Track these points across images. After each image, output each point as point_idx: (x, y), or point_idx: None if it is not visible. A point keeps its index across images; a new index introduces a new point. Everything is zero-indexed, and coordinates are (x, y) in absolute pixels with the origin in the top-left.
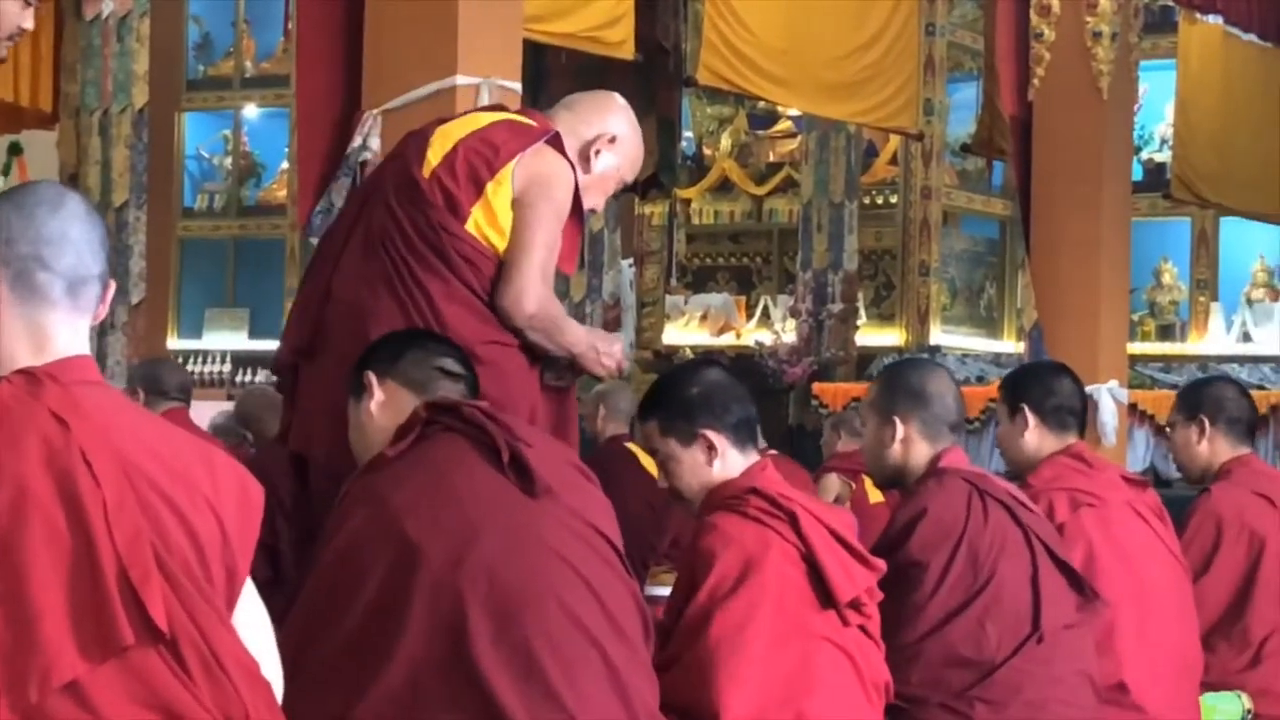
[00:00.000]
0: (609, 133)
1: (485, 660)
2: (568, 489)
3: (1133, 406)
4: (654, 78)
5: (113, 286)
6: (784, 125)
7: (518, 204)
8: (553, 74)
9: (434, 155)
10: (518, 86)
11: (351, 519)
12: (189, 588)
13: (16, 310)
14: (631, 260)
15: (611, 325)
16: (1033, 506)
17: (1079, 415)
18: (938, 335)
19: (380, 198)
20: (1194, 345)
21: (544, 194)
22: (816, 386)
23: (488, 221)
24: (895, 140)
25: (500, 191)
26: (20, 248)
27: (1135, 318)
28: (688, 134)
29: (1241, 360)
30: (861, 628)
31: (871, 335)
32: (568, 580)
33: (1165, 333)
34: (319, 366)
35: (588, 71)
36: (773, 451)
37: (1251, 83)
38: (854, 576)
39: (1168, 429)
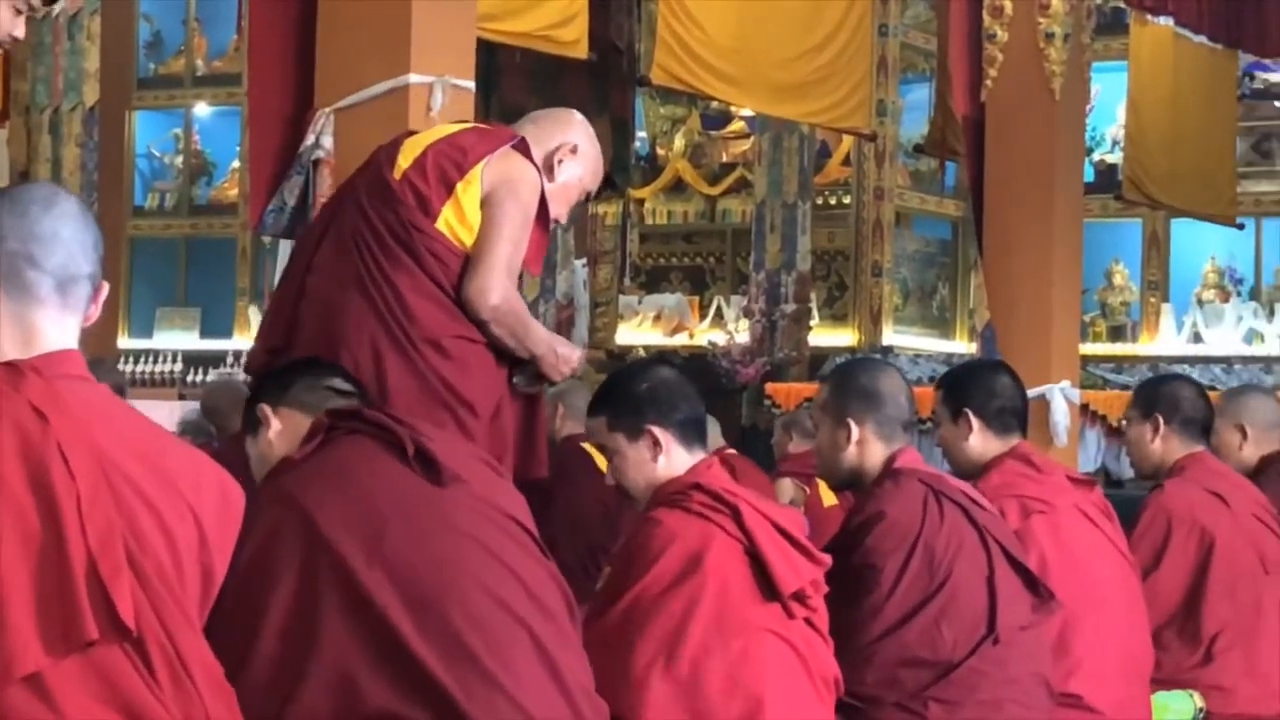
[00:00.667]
0: (570, 142)
1: (415, 647)
2: (476, 479)
3: (1084, 407)
4: (607, 77)
5: (105, 288)
6: (737, 125)
7: (486, 203)
8: (506, 73)
9: (404, 159)
10: (471, 85)
11: (262, 520)
12: (160, 589)
13: (5, 307)
14: (585, 260)
15: (565, 325)
16: (988, 506)
17: (1021, 415)
18: (890, 335)
19: (352, 200)
20: (1145, 346)
21: (511, 193)
22: (770, 387)
23: (457, 219)
24: (848, 141)
25: (469, 190)
26: (10, 245)
27: (1087, 318)
28: (641, 134)
29: (1192, 361)
30: (808, 621)
31: (824, 335)
32: (485, 564)
33: (1117, 333)
34: None
35: (541, 71)
36: (731, 451)
37: (1202, 84)
38: (798, 568)
39: (1123, 423)
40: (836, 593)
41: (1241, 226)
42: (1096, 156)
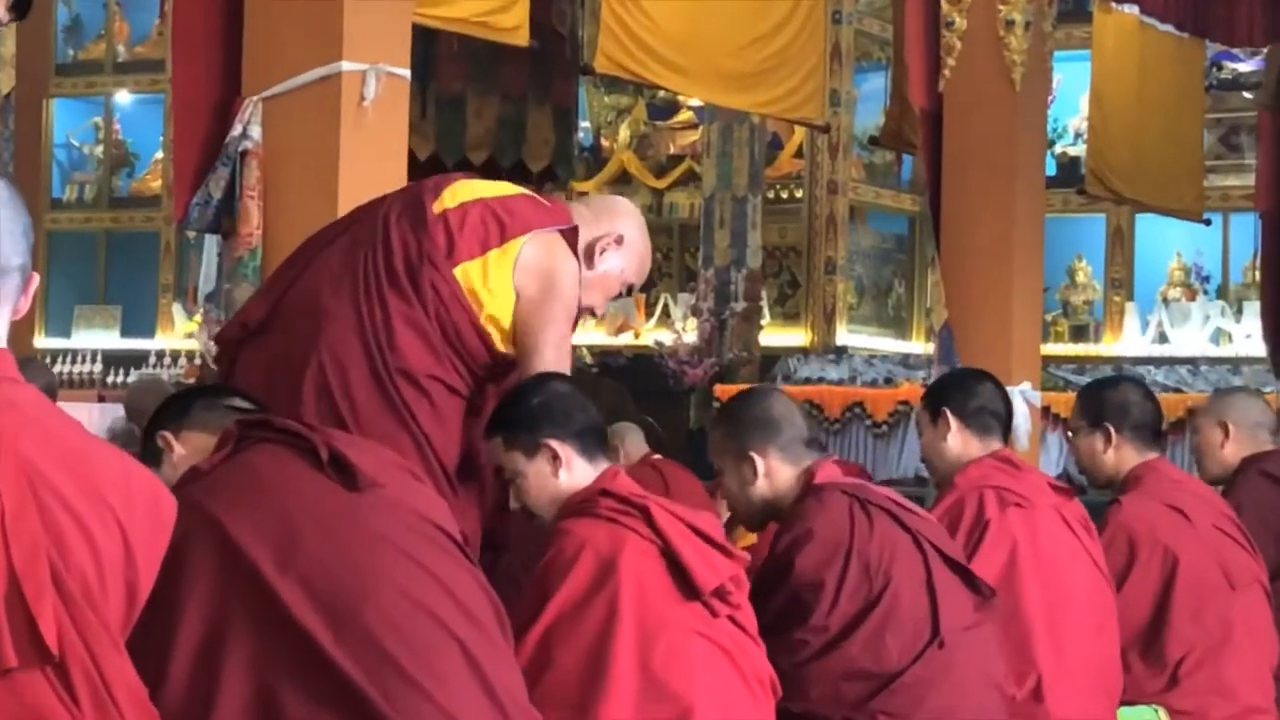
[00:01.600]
0: (617, 232)
1: (335, 657)
2: (395, 484)
3: (1046, 410)
4: (549, 65)
5: (35, 279)
6: (685, 116)
7: (525, 297)
8: (443, 61)
9: (450, 198)
10: (406, 73)
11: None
12: (85, 608)
13: None
14: None
15: None
16: (917, 509)
17: (1002, 419)
18: (844, 335)
19: (381, 216)
20: (1109, 346)
21: (557, 294)
22: (719, 388)
23: (479, 277)
24: (801, 132)
25: (503, 259)
26: None
27: (1048, 318)
28: (584, 124)
29: (1158, 362)
30: (732, 619)
31: (776, 335)
32: (407, 570)
33: (1079, 333)
34: (262, 344)
35: (480, 59)
36: (658, 457)
37: (1168, 74)
38: (715, 565)
39: (1068, 435)
40: (775, 620)
41: (1208, 222)
42: (1059, 149)
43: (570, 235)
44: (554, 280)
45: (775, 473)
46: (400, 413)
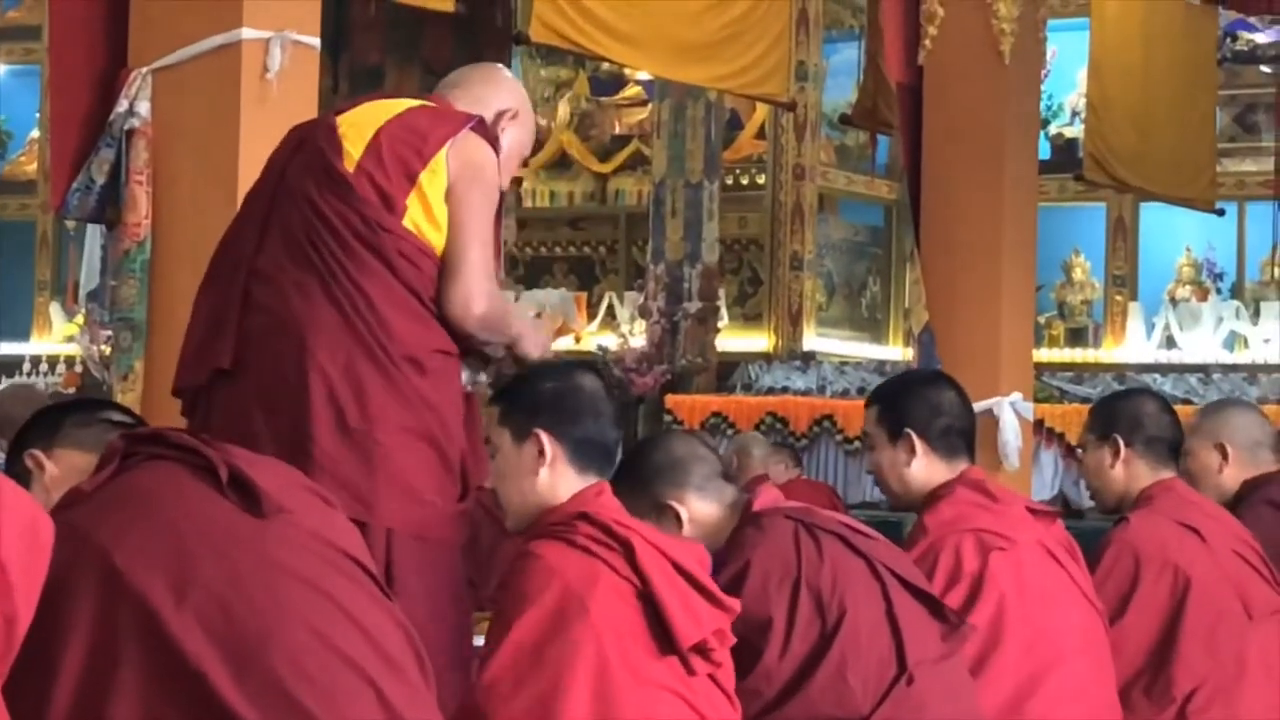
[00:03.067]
0: (509, 108)
1: (233, 703)
2: (303, 509)
3: (1039, 424)
4: (478, 34)
5: None
6: (633, 91)
7: (450, 195)
8: (358, 29)
9: (352, 146)
10: (315, 42)
11: (51, 560)
12: None
13: None
14: None
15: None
16: (871, 532)
17: (969, 436)
18: (812, 339)
19: (296, 193)
20: (1109, 352)
21: (478, 184)
22: (670, 399)
23: (424, 216)
24: (763, 110)
25: (435, 181)
26: None
27: (1042, 320)
28: None
29: (1164, 370)
30: (711, 677)
31: (734, 339)
32: (315, 605)
33: (1076, 337)
34: (245, 386)
35: (399, 26)
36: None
37: (1176, 46)
38: (699, 616)
39: (1078, 450)
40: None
41: (1221, 212)
42: (1053, 129)
43: (480, 127)
44: (478, 173)
45: (700, 516)
46: (411, 400)
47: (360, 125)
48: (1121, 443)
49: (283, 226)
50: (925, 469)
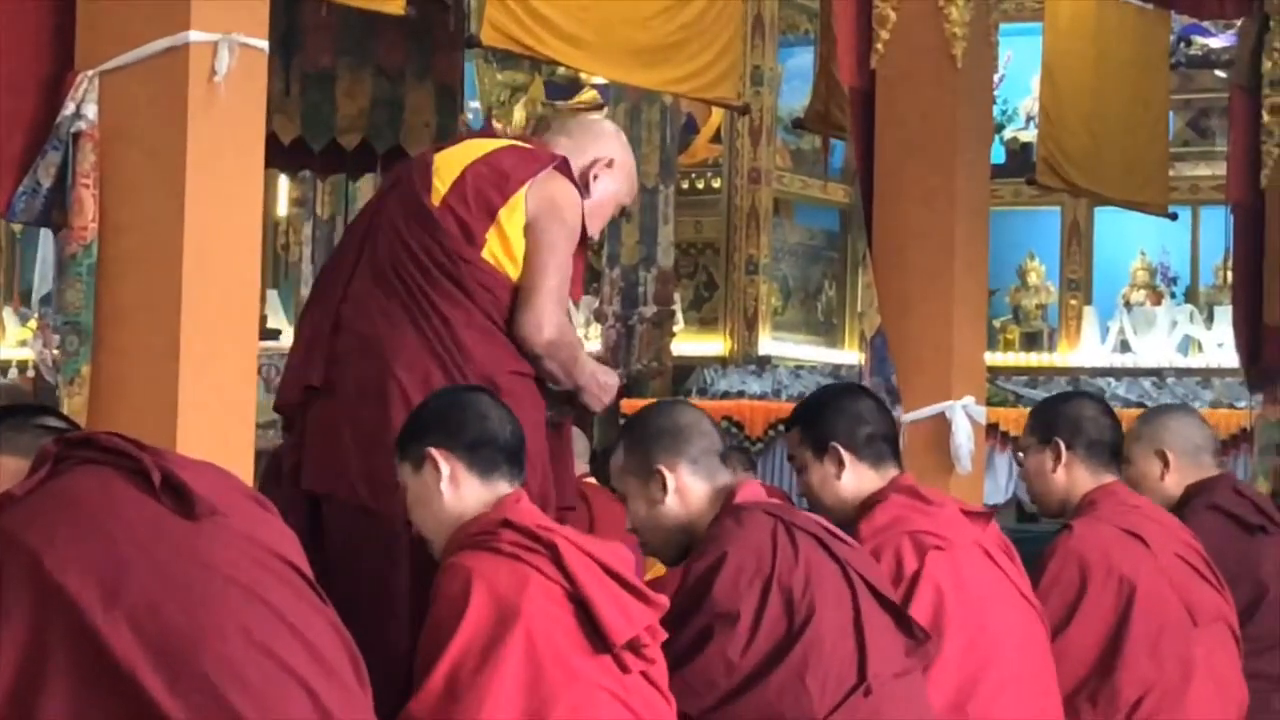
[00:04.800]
0: (605, 156)
1: (166, 708)
2: (237, 512)
3: (993, 427)
4: (430, 37)
5: None
6: (588, 95)
7: (530, 229)
8: (309, 32)
9: (441, 183)
10: (264, 45)
11: None
12: None
13: None
14: None
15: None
16: (847, 538)
17: (893, 442)
18: (767, 343)
19: (387, 225)
20: (1064, 356)
21: (556, 219)
22: (625, 404)
23: (502, 249)
24: (718, 114)
25: (513, 218)
26: None
27: (996, 324)
28: (474, 105)
29: (1119, 373)
30: (644, 674)
31: (690, 343)
32: (249, 609)
33: (1031, 341)
34: (337, 402)
35: (350, 29)
36: (589, 479)
37: (1130, 50)
38: (629, 614)
39: (1018, 455)
40: (683, 656)
41: (1174, 217)
42: (1008, 134)
43: (564, 168)
44: (556, 207)
45: (687, 490)
46: None
47: (452, 163)
48: (1063, 446)
49: (372, 256)
50: (856, 479)
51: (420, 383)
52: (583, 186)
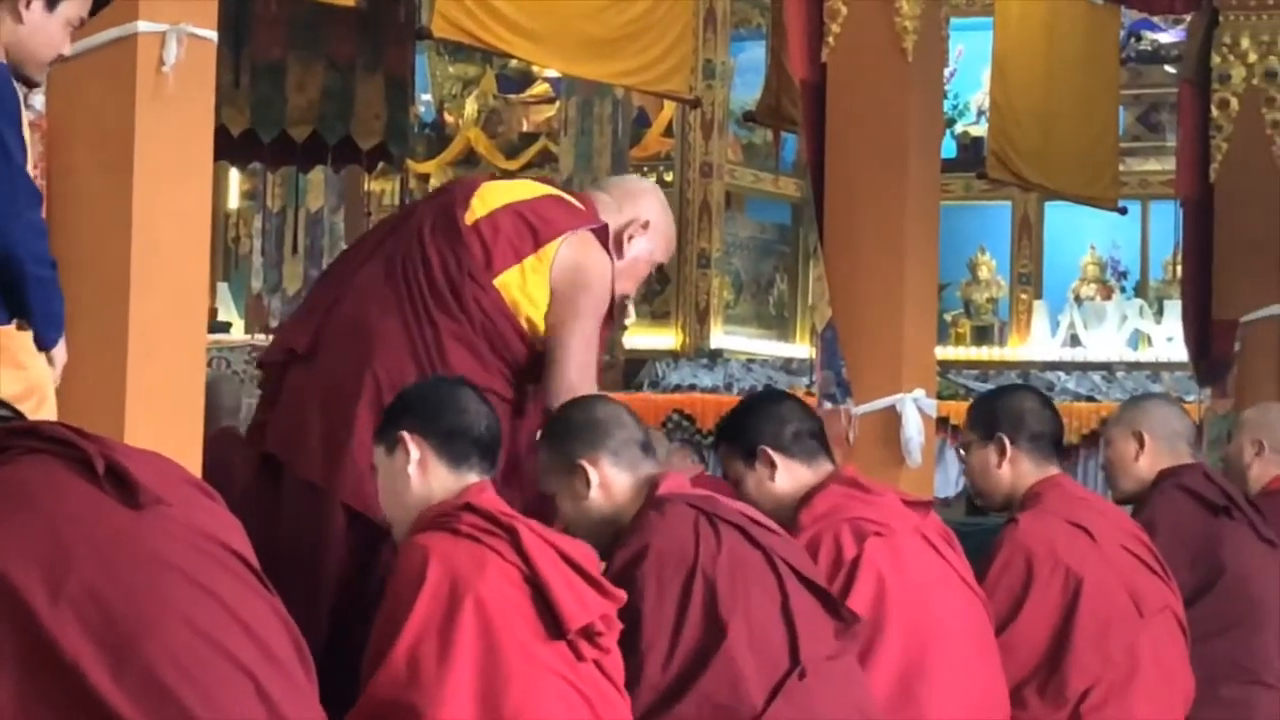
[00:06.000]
0: (642, 218)
1: (111, 699)
2: (182, 501)
3: (944, 421)
4: (380, 28)
5: None
6: (540, 89)
7: (558, 293)
8: (259, 23)
9: (480, 206)
10: (213, 35)
11: None
12: None
13: None
14: None
15: None
16: (772, 526)
17: (821, 437)
18: (719, 337)
19: (414, 227)
20: (1014, 350)
21: (586, 289)
22: None
23: (519, 287)
24: (670, 108)
25: (539, 266)
26: None
27: (948, 318)
28: (425, 97)
29: (1069, 367)
30: (598, 664)
31: (642, 337)
32: (194, 599)
33: (982, 335)
34: (315, 369)
35: (301, 21)
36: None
37: (1080, 45)
38: (586, 601)
39: (960, 451)
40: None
41: (1124, 211)
42: (959, 128)
43: (601, 233)
44: (586, 276)
45: (611, 483)
46: None
47: (498, 193)
48: (1007, 441)
49: (389, 251)
50: (790, 478)
51: (395, 376)
52: (616, 248)
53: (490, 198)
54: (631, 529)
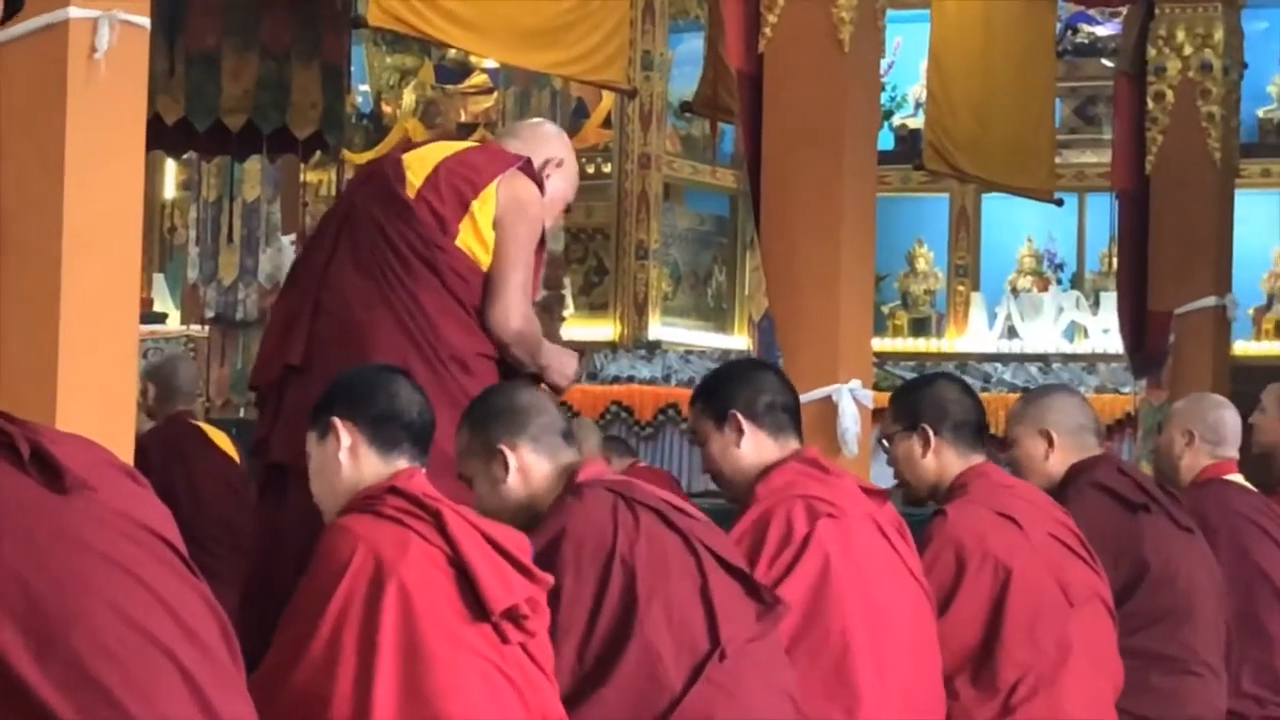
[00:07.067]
0: (556, 156)
1: (35, 686)
2: (109, 486)
3: (880, 412)
4: (316, 17)
5: None
6: (478, 79)
7: (499, 225)
8: (194, 11)
9: (414, 176)
10: (146, 22)
11: None
12: None
13: None
14: (294, 237)
15: (270, 313)
16: (692, 511)
17: (795, 413)
18: (658, 328)
19: (365, 216)
20: (951, 342)
21: (523, 217)
22: None
23: (474, 237)
24: (609, 99)
25: (484, 209)
26: None
27: (885, 310)
28: (363, 88)
29: (1005, 359)
30: (524, 647)
31: (581, 328)
32: (121, 585)
33: (919, 327)
34: (312, 381)
35: (237, 9)
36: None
37: (1016, 37)
38: (510, 584)
39: (883, 442)
40: None
41: (1060, 203)
42: (897, 120)
43: (528, 168)
44: (523, 206)
45: (529, 469)
46: (457, 397)
47: (423, 160)
48: (931, 432)
49: (352, 244)
50: (755, 448)
51: (396, 359)
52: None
53: (419, 165)
54: (549, 514)
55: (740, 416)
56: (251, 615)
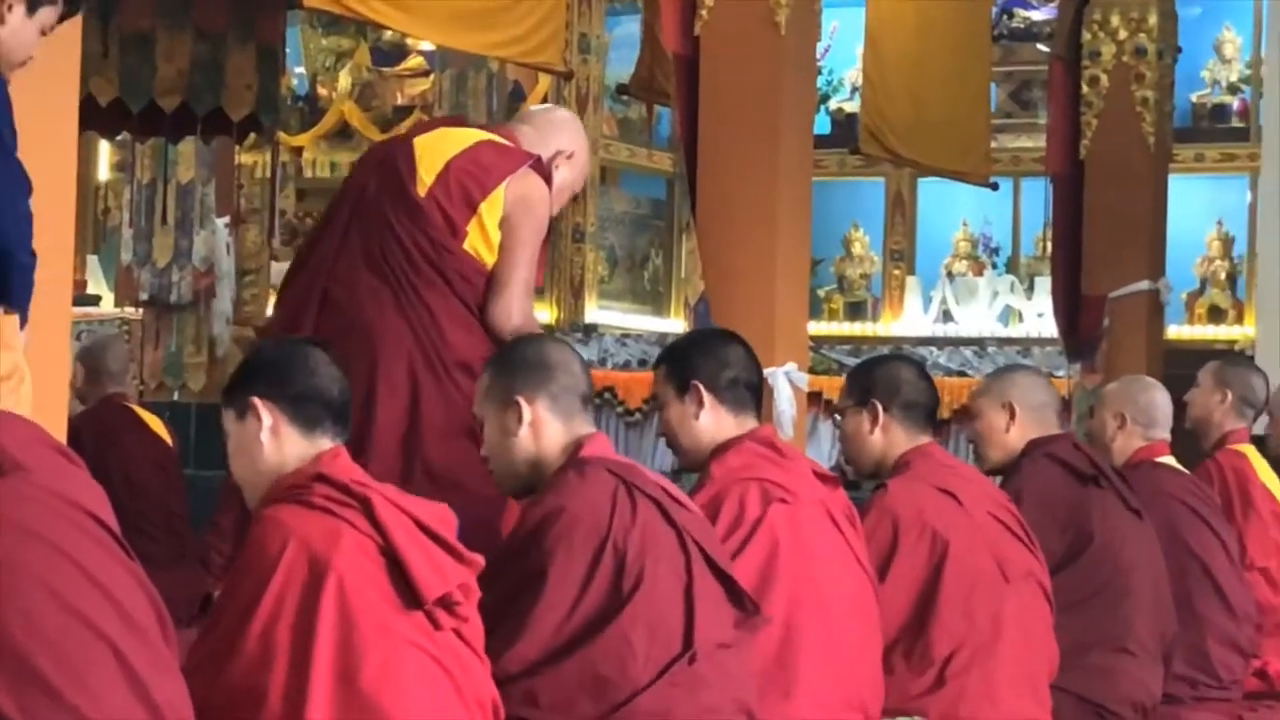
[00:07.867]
0: (567, 149)
1: None
2: (43, 467)
3: (817, 395)
4: (251, 0)
5: None
6: (415, 61)
7: (506, 223)
8: None
9: (426, 173)
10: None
11: None
12: None
13: None
14: (228, 220)
15: (205, 295)
16: (690, 504)
17: (756, 391)
18: (594, 312)
19: (375, 212)
20: (887, 325)
21: (530, 216)
22: None
23: (482, 240)
24: (546, 82)
25: (492, 210)
26: None
27: (821, 293)
28: (299, 70)
29: (940, 343)
30: (457, 633)
31: None
32: (55, 567)
33: (855, 311)
34: None
35: None
36: None
37: (951, 21)
38: (443, 570)
39: (835, 417)
40: (507, 602)
41: (995, 186)
42: (833, 104)
43: (537, 165)
44: (531, 205)
45: (542, 426)
46: (458, 401)
47: (435, 153)
48: (880, 408)
49: (362, 236)
50: (713, 422)
51: (404, 368)
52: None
53: (430, 160)
54: (550, 486)
55: (702, 389)
56: None
